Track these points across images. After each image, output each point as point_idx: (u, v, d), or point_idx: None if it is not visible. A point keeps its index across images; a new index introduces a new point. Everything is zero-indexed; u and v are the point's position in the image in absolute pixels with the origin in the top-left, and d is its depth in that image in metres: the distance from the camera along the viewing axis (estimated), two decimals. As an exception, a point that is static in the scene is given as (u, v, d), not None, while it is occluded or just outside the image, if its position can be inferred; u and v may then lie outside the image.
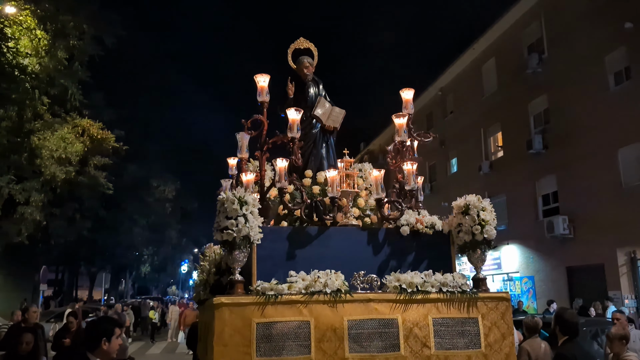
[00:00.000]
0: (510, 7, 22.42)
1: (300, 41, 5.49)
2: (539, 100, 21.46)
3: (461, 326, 4.01)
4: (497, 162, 24.22)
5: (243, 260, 3.95)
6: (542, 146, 20.80)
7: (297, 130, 4.36)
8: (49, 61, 18.05)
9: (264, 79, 4.52)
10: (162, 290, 60.91)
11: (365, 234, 4.37)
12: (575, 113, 19.12)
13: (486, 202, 4.12)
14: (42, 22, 17.78)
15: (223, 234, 3.89)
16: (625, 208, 16.76)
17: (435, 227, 4.31)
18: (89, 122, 22.55)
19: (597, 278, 17.87)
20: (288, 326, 3.85)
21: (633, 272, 17.00)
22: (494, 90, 24.48)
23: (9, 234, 20.39)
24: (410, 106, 4.66)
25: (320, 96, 5.40)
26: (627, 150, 17.28)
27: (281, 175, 4.29)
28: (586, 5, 18.99)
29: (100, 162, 23.62)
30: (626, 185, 17.23)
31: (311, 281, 3.96)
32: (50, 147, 19.59)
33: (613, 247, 17.32)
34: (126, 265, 41.48)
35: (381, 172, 4.35)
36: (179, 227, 45.72)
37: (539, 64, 21.33)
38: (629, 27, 17.01)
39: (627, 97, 17.13)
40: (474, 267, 4.26)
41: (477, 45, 25.20)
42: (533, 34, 22.12)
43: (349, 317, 3.92)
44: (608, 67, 18.21)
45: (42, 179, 20.05)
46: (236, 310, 3.78)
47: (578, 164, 18.78)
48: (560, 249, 19.70)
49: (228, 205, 3.91)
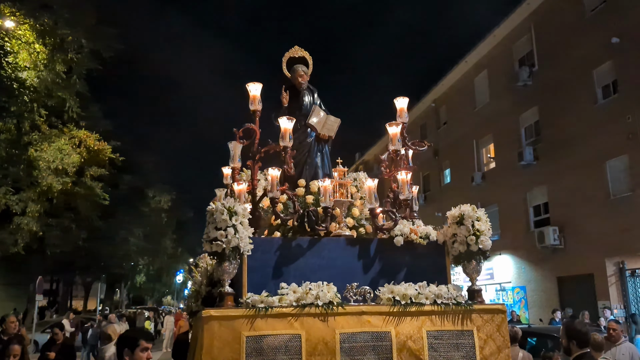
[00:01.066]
0: (502, 21, 22.47)
1: (295, 50, 5.37)
2: (530, 113, 21.47)
3: (456, 339, 3.83)
4: (490, 173, 24.16)
5: (233, 272, 3.79)
6: (533, 157, 20.79)
7: (289, 139, 4.22)
8: (47, 74, 17.95)
9: (256, 87, 4.38)
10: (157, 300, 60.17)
11: (358, 244, 4.21)
12: (565, 125, 19.13)
13: (481, 212, 3.97)
14: (41, 36, 17.72)
15: (212, 245, 3.74)
16: (614, 219, 16.81)
17: (430, 237, 4.14)
18: (86, 134, 22.49)
19: (586, 288, 17.81)
20: (279, 339, 3.67)
21: (622, 282, 16.99)
22: (486, 102, 24.47)
23: (5, 244, 20.23)
24: (404, 115, 4.53)
25: (315, 105, 5.26)
26: (614, 162, 17.35)
27: (273, 185, 4.14)
28: (574, 19, 19.07)
29: (97, 172, 23.45)
30: (614, 196, 17.26)
31: (302, 293, 3.79)
32: (47, 158, 19.47)
33: (602, 258, 17.31)
34: (121, 275, 40.99)
35: (375, 182, 4.20)
36: (174, 237, 45.39)
37: (530, 76, 21.35)
38: (615, 41, 17.11)
39: (615, 110, 17.20)
40: (469, 278, 4.10)
41: (470, 57, 25.22)
42: (524, 47, 22.16)
43: (341, 330, 3.75)
44: (596, 80, 18.27)
45: (38, 189, 19.88)
46: (225, 323, 3.61)
47: (568, 176, 18.79)
48: (551, 259, 19.64)
49: (217, 215, 3.74)
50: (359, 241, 4.33)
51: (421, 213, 4.57)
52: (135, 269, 42.61)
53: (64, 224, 24.16)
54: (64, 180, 20.29)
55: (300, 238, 4.17)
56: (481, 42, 23.99)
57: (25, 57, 17.40)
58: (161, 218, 39.33)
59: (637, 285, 16.89)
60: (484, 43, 23.90)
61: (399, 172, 4.23)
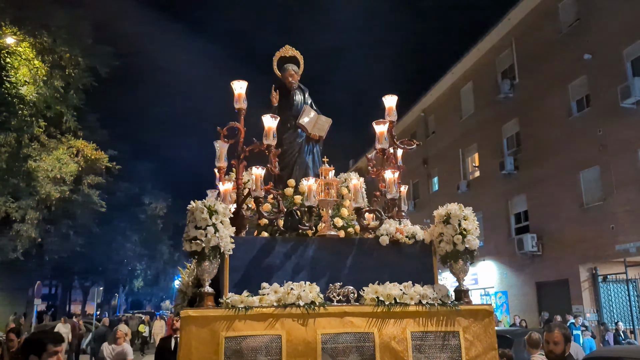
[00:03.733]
0: (485, 35, 22.37)
1: (285, 49, 5.09)
2: (511, 124, 21.42)
3: (441, 340, 3.54)
4: (474, 182, 23.99)
5: (213, 271, 3.51)
6: (514, 167, 20.73)
7: (273, 137, 3.95)
8: (46, 89, 17.80)
9: (241, 85, 4.11)
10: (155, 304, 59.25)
11: (343, 244, 3.93)
12: (543, 136, 19.12)
13: (468, 211, 3.70)
14: (41, 54, 17.69)
15: (192, 244, 3.45)
16: (587, 227, 16.94)
17: (416, 237, 3.85)
18: (83, 143, 22.44)
19: (562, 293, 17.77)
20: (258, 340, 3.39)
21: (594, 287, 17.07)
22: (472, 112, 24.32)
23: (5, 250, 20.15)
24: (393, 113, 4.27)
25: (305, 104, 4.99)
26: (587, 173, 17.43)
27: (257, 184, 3.86)
28: (551, 35, 19.10)
29: (94, 181, 23.41)
30: (587, 205, 17.32)
31: (284, 293, 3.50)
32: (45, 168, 19.33)
33: (576, 264, 17.37)
34: (119, 279, 40.38)
35: (360, 180, 3.94)
36: (170, 243, 44.90)
37: (511, 89, 21.30)
38: (588, 58, 17.20)
39: (588, 123, 17.28)
40: (456, 278, 3.82)
41: (456, 69, 24.99)
42: (506, 60, 22.11)
43: (323, 330, 3.46)
44: (571, 94, 18.33)
45: (37, 197, 19.66)
46: (204, 323, 3.32)
47: (545, 185, 18.76)
48: (530, 265, 19.52)
49: (197, 214, 3.46)
50: (344, 241, 4.06)
51: (411, 219, 4.29)
52: (132, 273, 42.00)
53: (62, 231, 23.90)
54: (62, 188, 20.25)
55: (284, 238, 3.89)
56: (467, 53, 23.81)
57: (25, 72, 17.36)
58: (157, 224, 38.82)
59: (610, 290, 16.92)
60: (470, 55, 23.74)
61: (385, 171, 3.96)
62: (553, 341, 3.93)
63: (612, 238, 15.99)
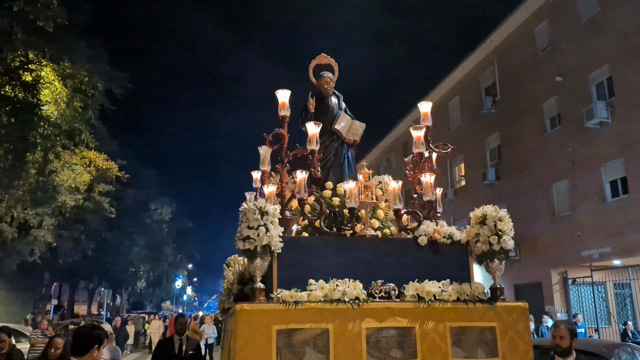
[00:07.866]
0: (470, 53, 22.44)
1: (321, 57, 5.03)
2: (493, 137, 21.52)
3: (479, 335, 3.49)
4: (460, 190, 23.87)
5: (264, 268, 3.42)
6: (495, 178, 20.80)
7: (316, 143, 3.88)
8: (67, 110, 17.94)
9: (285, 94, 4.04)
10: (156, 305, 58.16)
11: (383, 244, 3.86)
12: (521, 150, 19.30)
13: (503, 212, 3.67)
14: (63, 79, 17.88)
15: (245, 242, 3.37)
16: (558, 234, 17.29)
17: (453, 237, 3.80)
18: (96, 154, 22.58)
19: (536, 295, 17.85)
20: (307, 333, 3.33)
21: (565, 289, 17.30)
22: (458, 125, 24.21)
23: (23, 253, 20.32)
24: (428, 118, 4.23)
25: (340, 110, 4.91)
26: (559, 185, 17.74)
27: (301, 187, 3.78)
28: (528, 57, 19.31)
29: (105, 189, 23.36)
30: (558, 214, 17.67)
31: (330, 289, 3.43)
32: (62, 178, 19.38)
33: (548, 268, 17.64)
34: (123, 281, 39.71)
35: (399, 184, 3.88)
36: (174, 245, 44.41)
37: (493, 105, 21.42)
38: (559, 80, 17.47)
39: (559, 140, 17.57)
40: (491, 276, 3.77)
41: (444, 83, 24.84)
42: (489, 78, 22.20)
43: (367, 325, 3.39)
44: (545, 112, 18.56)
45: (53, 205, 19.54)
46: (257, 316, 3.25)
47: (523, 195, 18.92)
48: (509, 269, 19.31)
49: (250, 215, 3.39)
50: (383, 241, 3.99)
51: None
52: (136, 275, 41.39)
53: (75, 235, 23.71)
54: (77, 197, 20.41)
55: (327, 237, 3.80)
56: (454, 70, 23.76)
57: (47, 93, 17.39)
58: (162, 229, 38.39)
59: (580, 292, 17.17)
60: (457, 71, 23.72)
61: (422, 175, 3.90)
62: (559, 336, 3.90)
63: (579, 245, 16.33)
